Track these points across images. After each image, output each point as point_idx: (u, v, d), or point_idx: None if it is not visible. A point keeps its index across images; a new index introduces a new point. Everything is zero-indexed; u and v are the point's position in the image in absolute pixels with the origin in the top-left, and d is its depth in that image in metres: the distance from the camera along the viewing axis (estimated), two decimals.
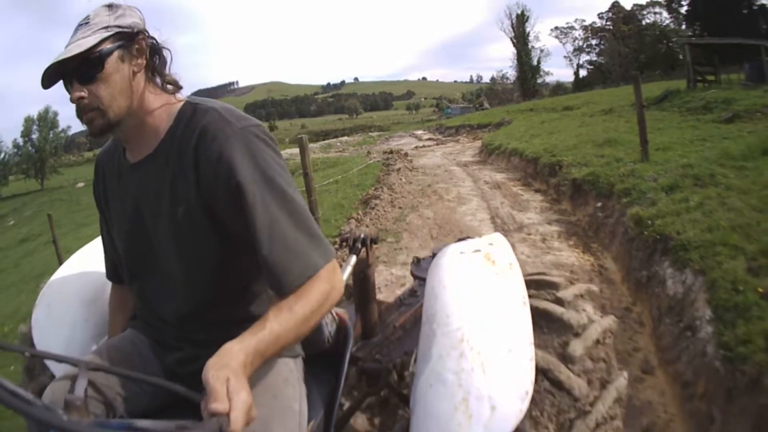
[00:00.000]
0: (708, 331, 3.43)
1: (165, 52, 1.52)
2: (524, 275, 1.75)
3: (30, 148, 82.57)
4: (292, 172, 11.71)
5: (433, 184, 11.63)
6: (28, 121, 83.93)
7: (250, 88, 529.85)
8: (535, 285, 2.74)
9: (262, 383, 1.40)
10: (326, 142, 33.52)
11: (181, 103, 1.50)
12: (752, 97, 14.45)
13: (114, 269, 1.80)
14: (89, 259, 2.31)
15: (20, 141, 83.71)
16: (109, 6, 1.43)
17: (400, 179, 12.60)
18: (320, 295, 1.31)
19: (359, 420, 2.69)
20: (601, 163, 8.37)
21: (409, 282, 5.45)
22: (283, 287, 1.31)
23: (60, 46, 1.39)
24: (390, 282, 5.61)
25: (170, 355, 1.56)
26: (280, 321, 1.24)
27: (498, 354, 1.35)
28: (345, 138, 42.97)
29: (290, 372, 1.50)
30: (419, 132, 40.01)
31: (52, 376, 1.97)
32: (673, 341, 3.75)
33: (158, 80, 1.51)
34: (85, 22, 1.39)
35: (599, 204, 6.88)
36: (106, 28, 1.37)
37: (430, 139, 31.52)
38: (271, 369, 1.45)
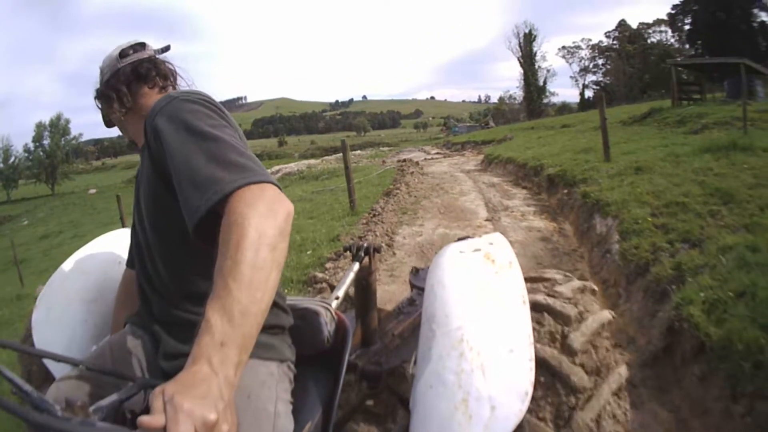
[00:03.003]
0: (616, 248, 5.48)
1: (150, 62, 1.83)
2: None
3: (41, 154, 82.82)
4: (325, 172, 14.17)
5: (441, 184, 13.71)
6: (40, 127, 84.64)
7: (259, 104, 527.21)
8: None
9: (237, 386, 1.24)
10: (340, 155, 35.45)
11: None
12: (724, 111, 16.00)
13: (131, 255, 1.87)
14: (89, 260, 2.37)
15: (31, 146, 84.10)
16: (100, 69, 1.86)
17: (414, 180, 14.79)
18: (241, 224, 1.09)
19: (359, 421, 2.74)
20: (572, 164, 10.44)
21: (420, 234, 7.83)
22: (190, 223, 1.21)
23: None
24: (411, 234, 7.94)
25: (160, 349, 1.54)
26: (218, 293, 1.03)
27: (498, 354, 1.36)
28: (358, 152, 44.33)
29: (270, 375, 1.47)
30: (427, 147, 41.68)
31: (51, 377, 1.95)
32: (598, 261, 5.82)
33: (157, 82, 1.81)
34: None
35: (565, 191, 8.94)
36: (96, 91, 1.85)
37: (438, 153, 32.94)
38: (247, 372, 1.32)
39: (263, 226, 1.10)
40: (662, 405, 3.37)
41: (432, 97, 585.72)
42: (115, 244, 2.41)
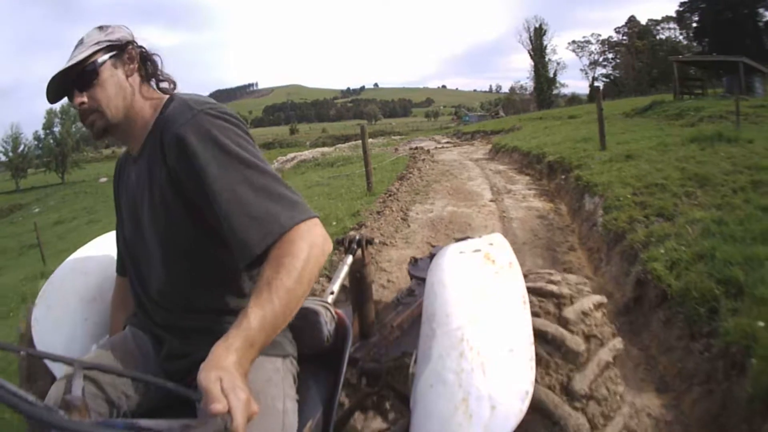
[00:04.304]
0: (600, 221, 6.36)
1: (156, 58, 1.70)
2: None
3: (51, 141, 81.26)
4: (340, 159, 15.22)
5: (450, 170, 14.67)
6: (51, 114, 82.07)
7: (270, 91, 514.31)
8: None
9: None
10: (353, 143, 35.98)
11: (167, 98, 1.62)
12: (721, 105, 16.80)
13: (122, 262, 1.85)
14: (88, 260, 2.35)
15: (42, 133, 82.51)
16: (100, 27, 1.63)
17: (425, 166, 15.77)
18: (297, 255, 1.27)
19: (359, 420, 2.76)
20: (571, 152, 11.34)
21: (431, 211, 8.82)
22: (246, 256, 1.31)
23: (75, 39, 1.61)
24: (423, 211, 8.97)
25: (162, 350, 1.59)
26: (262, 303, 1.21)
27: (498, 354, 1.37)
28: (370, 140, 44.96)
29: (275, 371, 1.51)
30: (438, 137, 42.40)
31: (53, 377, 1.95)
32: (586, 233, 6.73)
33: (153, 83, 1.68)
34: (80, 42, 1.58)
35: (563, 176, 9.85)
36: (97, 43, 1.55)
37: (448, 142, 33.61)
38: (253, 369, 1.35)
39: (312, 264, 1.29)
40: (633, 344, 3.98)
41: (443, 86, 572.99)
42: (114, 245, 2.19)
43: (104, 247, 2.41)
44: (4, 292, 14.47)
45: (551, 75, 79.89)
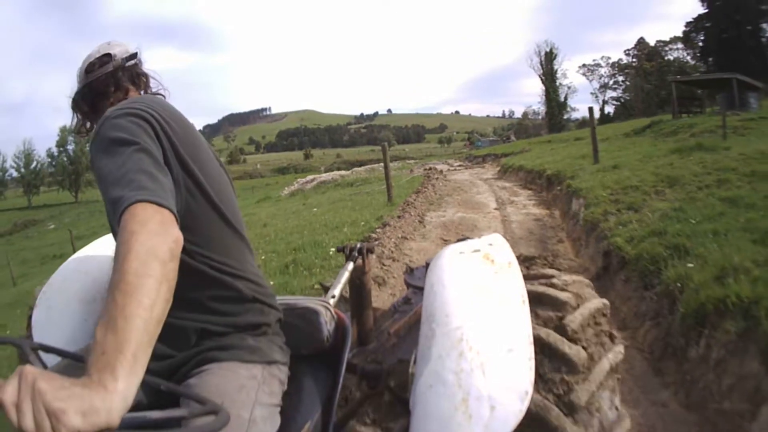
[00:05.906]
0: (581, 216, 7.66)
1: (152, 74, 1.81)
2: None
3: (65, 159, 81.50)
4: (358, 180, 16.83)
5: (461, 187, 16.24)
6: (64, 131, 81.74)
7: (283, 115, 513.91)
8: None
9: (213, 390, 1.37)
10: (368, 167, 37.30)
11: None
12: (712, 121, 18.06)
13: None
14: (89, 261, 2.37)
15: (55, 151, 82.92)
16: (88, 68, 1.75)
17: (439, 183, 17.40)
18: (127, 236, 1.09)
19: (359, 421, 2.72)
20: (567, 166, 12.82)
21: (444, 216, 10.34)
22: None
23: (85, 55, 1.73)
24: (437, 216, 10.46)
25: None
26: (106, 311, 0.99)
27: (498, 354, 1.37)
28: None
29: (251, 378, 1.45)
30: (451, 160, 44.04)
31: None
32: (571, 228, 8.08)
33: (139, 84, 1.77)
34: (83, 65, 1.77)
35: (558, 187, 11.18)
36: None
37: (460, 165, 35.52)
38: (226, 375, 1.39)
39: (153, 242, 1.09)
40: None
41: (457, 112, 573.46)
42: (114, 245, 1.83)
43: (105, 247, 2.42)
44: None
45: (562, 99, 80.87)
